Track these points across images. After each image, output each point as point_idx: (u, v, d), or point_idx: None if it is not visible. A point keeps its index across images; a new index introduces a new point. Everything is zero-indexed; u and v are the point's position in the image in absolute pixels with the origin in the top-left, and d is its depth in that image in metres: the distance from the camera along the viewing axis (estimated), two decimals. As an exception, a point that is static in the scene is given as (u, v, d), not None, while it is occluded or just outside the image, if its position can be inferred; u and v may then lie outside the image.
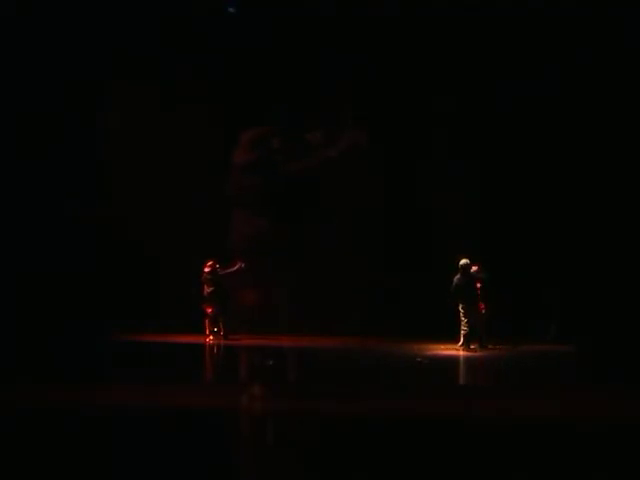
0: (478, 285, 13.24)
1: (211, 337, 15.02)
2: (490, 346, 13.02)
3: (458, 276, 13.28)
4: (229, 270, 9.19)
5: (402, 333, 14.61)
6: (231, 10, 16.03)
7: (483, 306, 13.21)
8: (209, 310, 15.19)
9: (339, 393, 6.13)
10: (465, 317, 13.10)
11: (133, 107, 16.44)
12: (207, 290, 15.13)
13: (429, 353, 11.62)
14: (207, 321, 15.29)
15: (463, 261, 13.28)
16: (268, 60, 16.21)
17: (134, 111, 16.49)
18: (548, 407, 5.70)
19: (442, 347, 12.76)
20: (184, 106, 17.08)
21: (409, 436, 4.62)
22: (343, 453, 4.01)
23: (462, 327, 13.13)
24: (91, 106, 16.61)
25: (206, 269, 15.22)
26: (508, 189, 16.39)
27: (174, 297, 16.60)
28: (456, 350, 12.65)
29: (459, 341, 13.12)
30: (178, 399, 6.04)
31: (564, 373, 8.86)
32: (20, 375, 7.11)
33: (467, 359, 11.13)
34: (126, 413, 5.30)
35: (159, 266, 17.45)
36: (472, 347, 12.88)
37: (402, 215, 17.12)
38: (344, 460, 3.82)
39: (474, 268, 13.32)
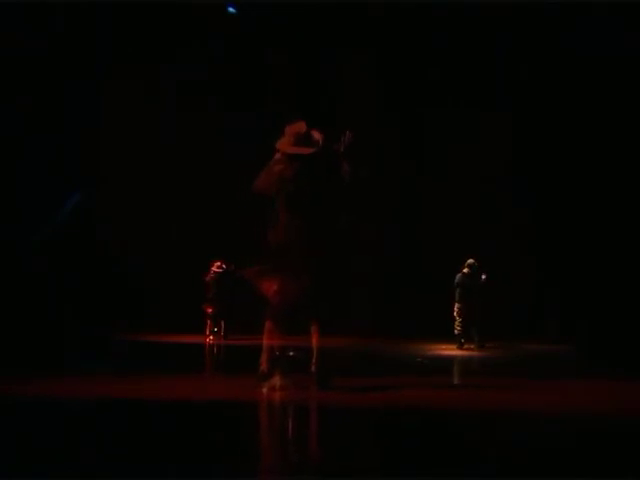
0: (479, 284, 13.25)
1: (211, 337, 15.04)
2: (489, 345, 13.02)
3: (459, 274, 13.29)
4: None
5: (403, 333, 14.67)
6: (231, 10, 16.05)
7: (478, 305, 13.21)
8: (209, 310, 15.22)
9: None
10: (459, 317, 13.11)
11: (131, 107, 16.46)
12: (212, 290, 15.16)
13: (430, 353, 11.62)
14: (208, 321, 15.32)
15: (469, 260, 13.28)
16: (270, 60, 16.28)
17: (131, 111, 16.52)
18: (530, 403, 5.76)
19: (443, 347, 12.77)
20: (182, 106, 17.12)
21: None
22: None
23: (455, 327, 13.14)
24: (89, 107, 16.64)
25: (214, 269, 15.26)
26: (506, 186, 16.45)
27: (174, 297, 16.64)
28: (456, 350, 12.65)
29: (458, 342, 13.13)
30: (177, 392, 6.07)
31: (558, 371, 8.86)
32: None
33: (464, 359, 11.13)
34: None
35: (159, 266, 17.49)
36: (471, 346, 12.88)
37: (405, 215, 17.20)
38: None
39: (468, 269, 13.32)
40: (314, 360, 6.04)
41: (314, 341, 6.07)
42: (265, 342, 6.14)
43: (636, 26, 13.52)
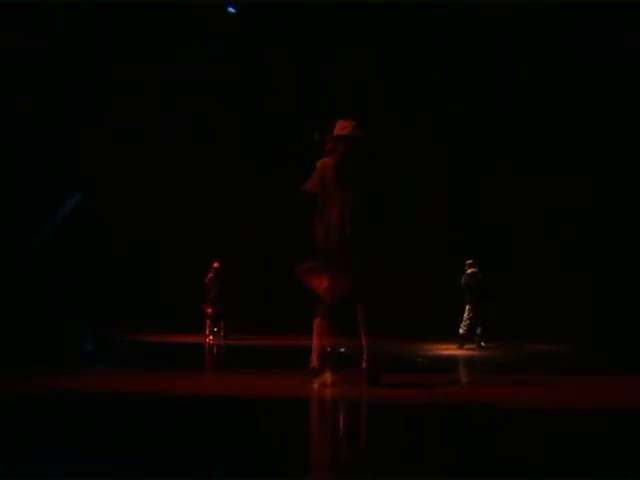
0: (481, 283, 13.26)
1: (211, 337, 15.05)
2: (490, 345, 13.03)
3: (464, 276, 13.30)
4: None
5: (403, 333, 14.66)
6: (231, 10, 16.05)
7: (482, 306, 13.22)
8: (209, 310, 15.22)
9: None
10: (470, 319, 13.11)
11: (130, 106, 16.45)
12: (211, 290, 15.17)
13: (430, 353, 11.62)
14: (207, 321, 15.33)
15: (469, 260, 13.30)
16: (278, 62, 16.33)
17: (131, 111, 16.51)
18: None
19: (443, 347, 12.78)
20: (182, 106, 17.12)
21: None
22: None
23: (462, 326, 13.15)
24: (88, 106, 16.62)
25: (212, 269, 15.28)
26: (505, 186, 16.45)
27: (174, 297, 16.65)
28: (457, 350, 12.66)
29: (460, 341, 13.13)
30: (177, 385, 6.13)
31: (565, 370, 8.88)
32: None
33: (465, 359, 11.13)
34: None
35: (159, 267, 17.49)
36: (472, 347, 12.88)
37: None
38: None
39: (472, 269, 13.33)
40: (365, 357, 6.14)
41: (363, 338, 6.17)
42: (315, 339, 6.25)
43: (636, 26, 13.53)
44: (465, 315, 13.20)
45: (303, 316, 6.61)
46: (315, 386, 5.93)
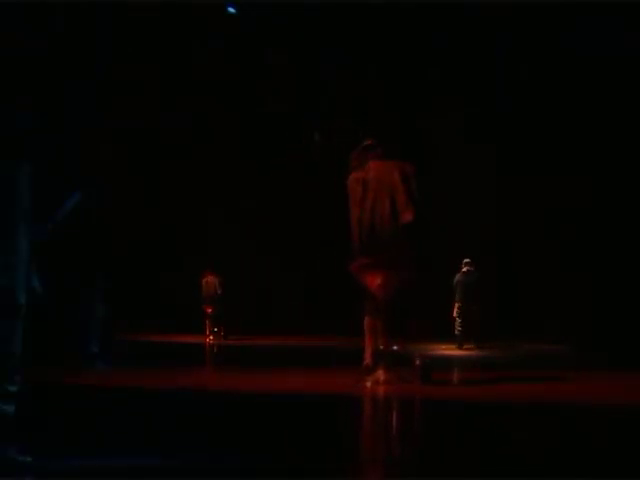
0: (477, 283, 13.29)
1: (211, 337, 15.07)
2: (488, 345, 13.05)
3: (458, 275, 13.34)
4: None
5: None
6: (231, 10, 16.06)
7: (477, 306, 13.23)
8: (209, 310, 15.25)
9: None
10: (459, 317, 13.15)
11: (130, 106, 16.45)
12: (207, 292, 15.21)
13: (430, 353, 11.62)
14: (207, 321, 15.35)
15: (466, 259, 13.35)
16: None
17: (131, 111, 16.51)
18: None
19: (443, 347, 12.80)
20: (182, 106, 17.12)
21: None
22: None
23: (456, 327, 13.20)
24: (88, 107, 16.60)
25: (206, 271, 15.33)
26: (505, 187, 16.45)
27: (174, 297, 16.66)
28: (457, 350, 12.68)
29: (459, 342, 13.15)
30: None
31: (553, 369, 8.90)
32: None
33: (461, 358, 11.16)
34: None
35: (159, 267, 17.50)
36: (469, 346, 12.90)
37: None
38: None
39: (468, 268, 13.37)
40: (417, 355, 6.30)
41: (409, 338, 6.27)
42: (367, 338, 6.34)
43: (636, 26, 13.52)
44: (455, 314, 13.25)
45: (303, 316, 6.61)
46: (368, 384, 6.01)
